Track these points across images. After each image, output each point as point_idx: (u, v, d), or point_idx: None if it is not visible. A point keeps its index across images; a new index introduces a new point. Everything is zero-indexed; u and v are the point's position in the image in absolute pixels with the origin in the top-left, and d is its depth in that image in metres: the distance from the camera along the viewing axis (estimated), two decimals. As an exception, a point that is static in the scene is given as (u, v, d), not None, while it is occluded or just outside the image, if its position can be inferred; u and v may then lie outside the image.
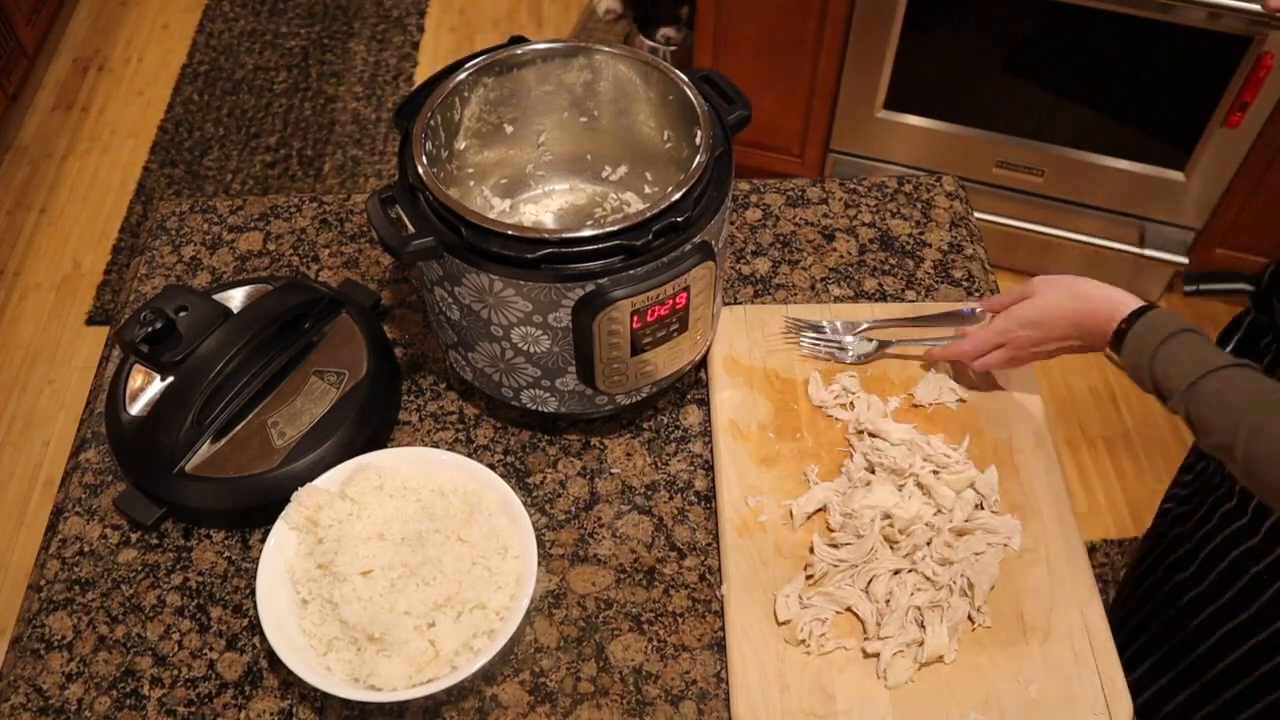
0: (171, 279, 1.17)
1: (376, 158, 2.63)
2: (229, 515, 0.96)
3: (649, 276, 0.86)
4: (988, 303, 1.02)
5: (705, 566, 0.95)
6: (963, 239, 1.21)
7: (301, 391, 1.00)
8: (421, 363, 1.09)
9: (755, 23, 2.10)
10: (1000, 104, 2.08)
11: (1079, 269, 2.33)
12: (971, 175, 2.19)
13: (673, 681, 0.89)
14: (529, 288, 0.86)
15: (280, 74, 2.84)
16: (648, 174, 1.10)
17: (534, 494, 1.00)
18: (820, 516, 0.96)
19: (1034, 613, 0.90)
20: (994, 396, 1.04)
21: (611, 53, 1.01)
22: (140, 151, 2.68)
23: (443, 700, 0.88)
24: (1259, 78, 1.83)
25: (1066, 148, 2.09)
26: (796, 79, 2.17)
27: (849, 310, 1.11)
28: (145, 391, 1.00)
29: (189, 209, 1.24)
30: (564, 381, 0.95)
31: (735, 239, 1.20)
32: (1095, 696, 0.85)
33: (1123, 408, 2.20)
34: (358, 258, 1.19)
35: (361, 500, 0.91)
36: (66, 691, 0.88)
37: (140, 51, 2.94)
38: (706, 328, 0.99)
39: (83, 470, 1.02)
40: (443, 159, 1.00)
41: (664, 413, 1.06)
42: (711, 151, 0.90)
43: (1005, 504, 0.97)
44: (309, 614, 0.87)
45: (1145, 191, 2.11)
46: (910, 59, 2.05)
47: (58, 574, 0.95)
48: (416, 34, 2.95)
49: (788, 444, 1.01)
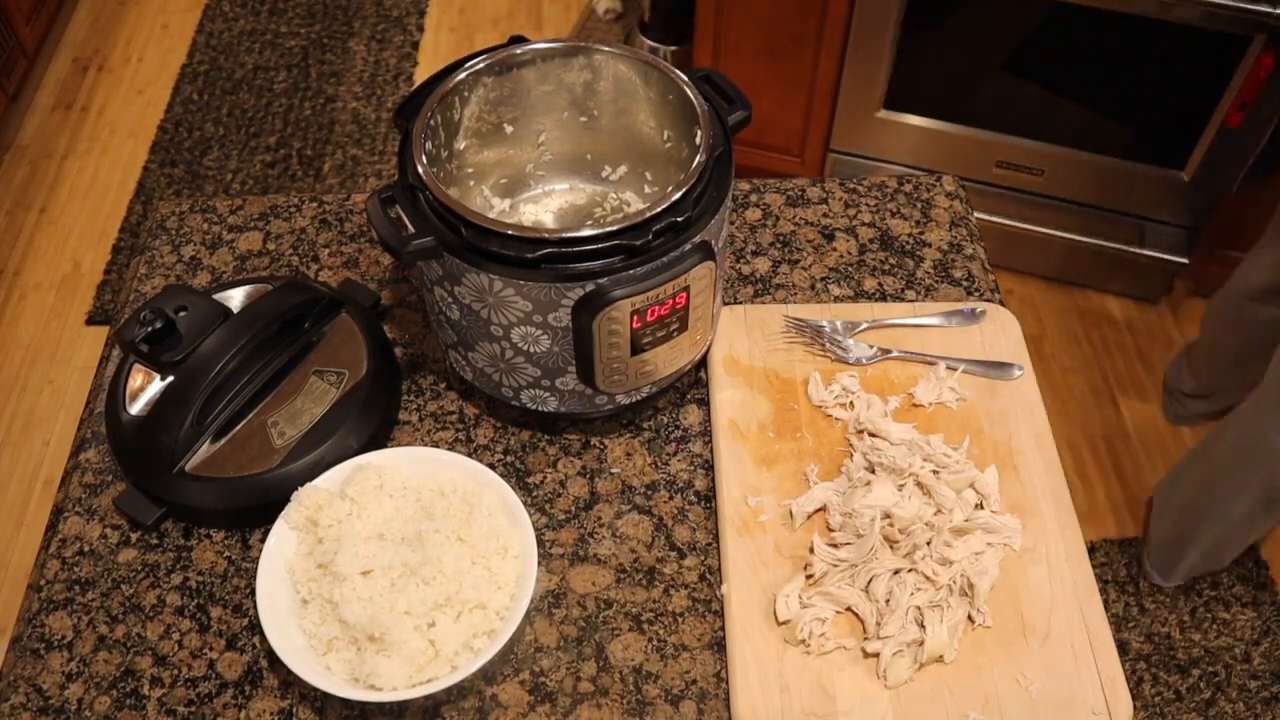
0: (171, 279, 1.17)
1: (376, 157, 2.63)
2: (229, 515, 0.97)
3: (649, 276, 0.86)
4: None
5: (705, 566, 0.95)
6: (963, 239, 1.21)
7: (301, 391, 1.00)
8: (421, 363, 1.10)
9: (755, 23, 2.10)
10: (1000, 104, 2.08)
11: (1079, 268, 2.33)
12: (971, 175, 2.19)
13: (673, 681, 0.89)
14: (529, 287, 0.86)
15: (280, 74, 2.84)
16: (648, 174, 1.10)
17: (534, 494, 1.00)
18: (820, 516, 0.96)
19: (1034, 613, 0.90)
20: (994, 396, 1.04)
21: (611, 52, 1.01)
22: (140, 151, 2.68)
23: (443, 700, 0.88)
24: (1259, 78, 1.83)
25: (1066, 147, 2.09)
26: (796, 79, 2.17)
27: (849, 310, 1.11)
28: (145, 391, 1.00)
29: (189, 209, 1.24)
30: (564, 381, 0.95)
31: (735, 239, 1.21)
32: (1095, 696, 0.85)
33: (1123, 408, 2.20)
34: (358, 257, 1.19)
35: (361, 500, 0.91)
36: (66, 691, 0.88)
37: (140, 51, 2.95)
38: (706, 327, 0.99)
39: (83, 470, 1.02)
40: (442, 159, 1.00)
41: (664, 412, 1.06)
42: (711, 151, 0.90)
43: (1005, 504, 0.97)
44: (309, 614, 0.87)
45: (1145, 191, 2.11)
46: (910, 59, 2.05)
47: (58, 574, 0.95)
48: (416, 34, 2.95)
49: (788, 444, 1.01)
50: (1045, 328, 2.33)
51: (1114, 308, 2.36)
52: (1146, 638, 1.87)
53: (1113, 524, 2.02)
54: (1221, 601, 1.91)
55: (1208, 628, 1.88)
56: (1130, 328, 2.33)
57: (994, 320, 1.10)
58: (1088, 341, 2.31)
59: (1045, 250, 2.32)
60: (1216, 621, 1.89)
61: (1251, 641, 1.86)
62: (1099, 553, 1.97)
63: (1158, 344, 2.30)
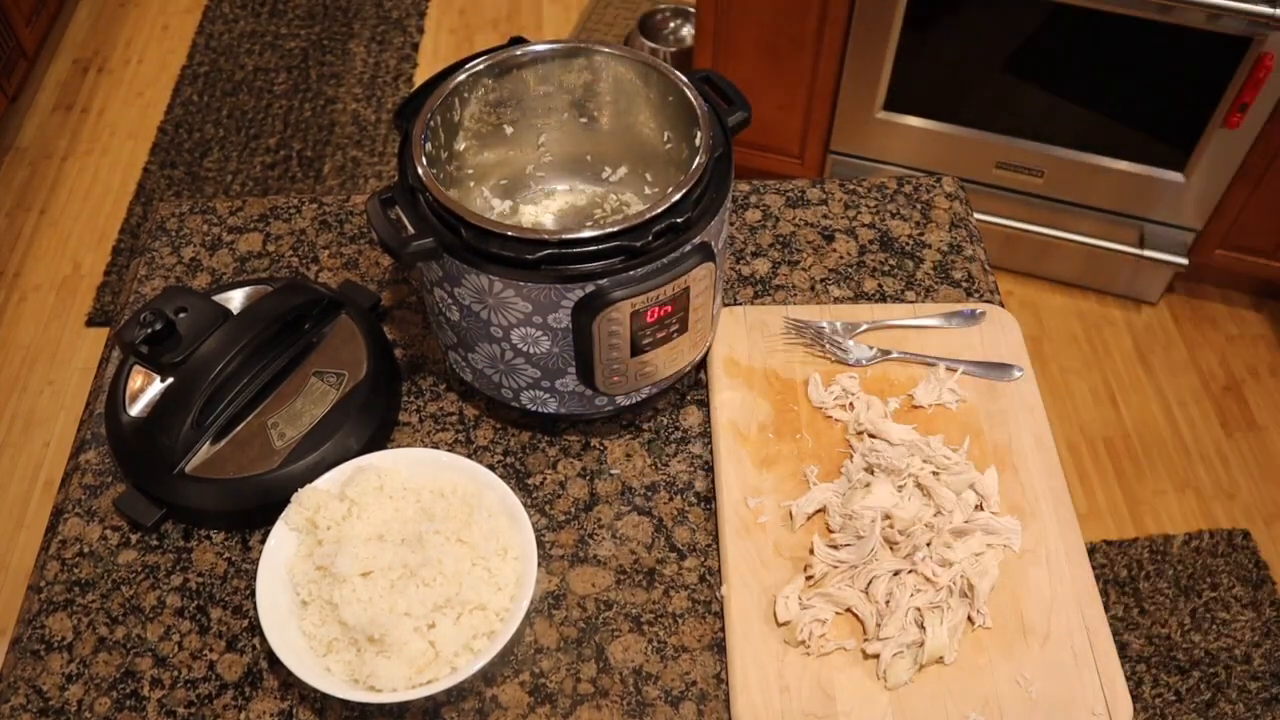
0: (171, 280, 1.17)
1: (376, 159, 2.63)
2: (229, 516, 0.97)
3: (649, 277, 0.86)
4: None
5: (705, 567, 0.95)
6: (962, 240, 1.21)
7: (301, 392, 1.00)
8: (421, 364, 1.10)
9: (755, 23, 2.10)
10: (1000, 105, 2.08)
11: (1079, 269, 2.34)
12: (971, 176, 2.20)
13: (673, 682, 0.89)
14: (529, 288, 0.86)
15: (280, 75, 2.84)
16: (648, 175, 1.10)
17: (534, 495, 1.00)
18: (820, 517, 0.96)
19: (1034, 613, 0.90)
20: (994, 397, 1.04)
21: (611, 53, 1.01)
22: (140, 153, 2.68)
23: (442, 701, 0.88)
24: (1259, 78, 1.83)
25: (1066, 148, 2.09)
26: (796, 80, 2.17)
27: (849, 311, 1.11)
28: (145, 392, 1.00)
29: (189, 210, 1.24)
30: (564, 382, 0.95)
31: (735, 240, 1.21)
32: (1095, 697, 0.85)
33: (1123, 408, 2.20)
34: (357, 259, 1.19)
35: (361, 501, 0.91)
36: (66, 693, 0.88)
37: (140, 53, 2.95)
38: (706, 328, 0.99)
39: (83, 471, 1.02)
40: (442, 160, 1.00)
41: (664, 414, 1.06)
42: (711, 152, 0.90)
43: (1005, 505, 0.97)
44: (309, 615, 0.87)
45: (1145, 192, 2.11)
46: (910, 60, 2.05)
47: (58, 575, 0.95)
48: (416, 35, 2.95)
49: (787, 445, 1.01)
50: (1045, 328, 2.33)
51: (1114, 308, 2.36)
52: (1146, 639, 1.87)
53: (1113, 524, 2.02)
54: (1221, 603, 1.91)
55: (1208, 629, 1.88)
56: (1130, 328, 2.33)
57: (994, 321, 1.10)
58: (1088, 342, 2.31)
59: (1045, 251, 2.32)
60: (1216, 623, 1.89)
61: (1252, 643, 1.86)
62: (1099, 553, 1.97)
63: (1158, 344, 2.30)
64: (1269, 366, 2.26)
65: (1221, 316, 2.35)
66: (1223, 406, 2.20)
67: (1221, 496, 2.06)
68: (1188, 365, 2.27)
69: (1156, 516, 2.04)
